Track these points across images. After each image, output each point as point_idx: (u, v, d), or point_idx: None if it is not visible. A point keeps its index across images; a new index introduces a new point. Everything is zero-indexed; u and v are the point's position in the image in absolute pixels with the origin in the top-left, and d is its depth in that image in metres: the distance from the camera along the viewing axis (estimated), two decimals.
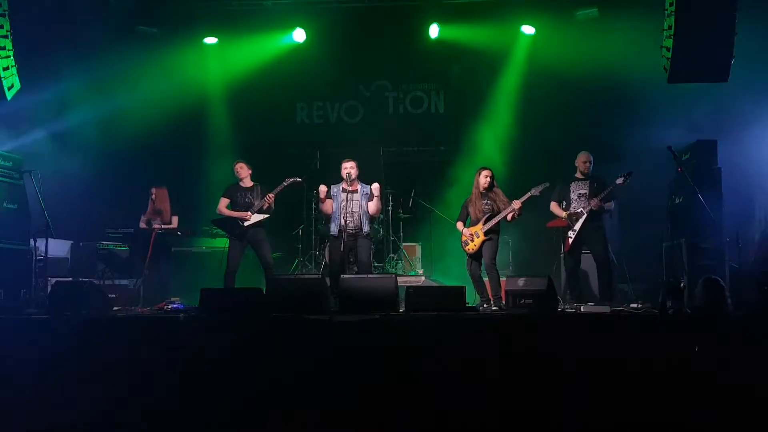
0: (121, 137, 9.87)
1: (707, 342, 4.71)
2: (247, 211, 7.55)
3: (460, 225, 7.44)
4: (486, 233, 7.15)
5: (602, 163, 7.61)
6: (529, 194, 7.08)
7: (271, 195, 7.48)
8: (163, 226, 7.85)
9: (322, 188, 7.33)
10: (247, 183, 7.76)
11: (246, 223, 7.52)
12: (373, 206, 7.33)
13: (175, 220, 8.01)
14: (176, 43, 9.98)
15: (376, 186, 7.38)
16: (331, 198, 7.36)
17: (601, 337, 5.33)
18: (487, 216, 7.17)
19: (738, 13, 7.11)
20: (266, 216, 7.58)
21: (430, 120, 10.79)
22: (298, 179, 7.63)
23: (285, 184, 7.52)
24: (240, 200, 7.66)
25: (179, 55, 10.08)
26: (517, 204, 7.03)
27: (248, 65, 10.44)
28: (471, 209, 7.31)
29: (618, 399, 4.89)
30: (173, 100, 10.09)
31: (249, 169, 7.77)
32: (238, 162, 7.79)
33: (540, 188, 7.11)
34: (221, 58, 10.40)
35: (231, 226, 7.60)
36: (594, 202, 7.03)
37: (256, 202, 7.57)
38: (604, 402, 4.89)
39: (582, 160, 7.33)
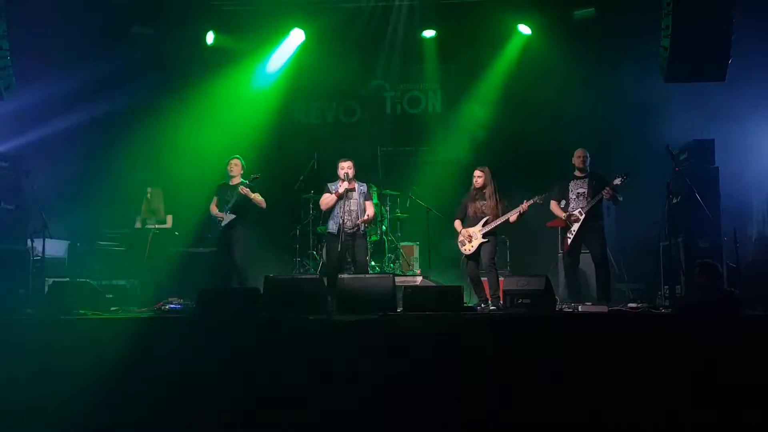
0: (118, 137, 9.86)
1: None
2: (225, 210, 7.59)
3: (458, 224, 7.44)
4: (484, 236, 7.16)
5: (600, 163, 7.61)
6: (531, 201, 7.08)
7: (242, 187, 7.50)
8: (158, 226, 7.83)
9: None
10: (235, 181, 7.76)
11: (222, 223, 7.55)
12: (369, 211, 7.36)
13: (169, 219, 8.01)
14: (172, 43, 9.96)
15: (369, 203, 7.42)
16: (330, 192, 7.35)
17: (599, 336, 5.33)
18: (486, 219, 7.17)
19: (735, 13, 7.12)
20: (233, 217, 7.55)
21: (428, 120, 10.78)
22: (257, 176, 7.62)
23: (248, 182, 7.58)
24: (223, 199, 7.69)
25: (175, 56, 10.06)
26: (524, 206, 7.04)
27: (245, 66, 10.44)
28: (470, 208, 7.32)
29: (615, 398, 4.90)
30: (170, 100, 10.07)
31: (242, 167, 7.75)
32: (233, 158, 7.77)
33: (542, 197, 7.12)
34: (217, 59, 10.38)
35: (212, 228, 7.64)
36: (606, 190, 7.00)
37: (230, 201, 7.59)
38: (602, 401, 4.89)
39: (577, 156, 7.35)
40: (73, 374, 5.29)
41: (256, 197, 7.60)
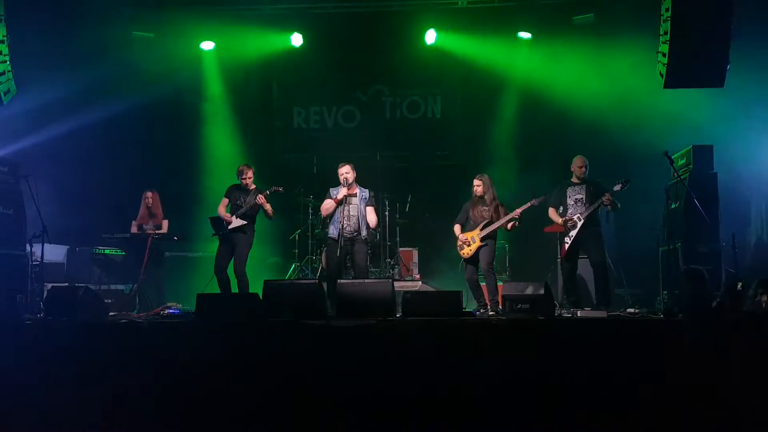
0: (118, 142, 9.88)
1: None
2: (235, 213, 7.55)
3: (457, 228, 7.44)
4: (482, 239, 7.17)
5: (599, 168, 7.61)
6: (528, 204, 7.11)
7: (261, 195, 7.44)
8: (156, 231, 7.83)
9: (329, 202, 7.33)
10: (248, 186, 7.69)
11: (229, 227, 7.50)
12: (371, 218, 7.35)
13: (165, 224, 8.01)
14: (173, 48, 9.99)
15: (371, 208, 7.37)
16: (331, 198, 7.34)
17: (598, 342, 5.33)
18: (485, 222, 7.18)
19: (733, 19, 7.15)
20: (244, 223, 7.50)
21: (427, 125, 10.80)
22: (279, 188, 7.59)
23: (268, 192, 7.51)
24: (233, 202, 7.63)
25: (176, 61, 10.08)
26: (517, 213, 7.06)
27: (245, 70, 10.47)
28: (471, 213, 7.33)
29: (614, 404, 4.89)
30: (170, 105, 10.09)
31: (252, 174, 7.73)
32: (247, 166, 7.72)
33: (540, 199, 7.15)
34: (218, 64, 10.41)
35: (218, 226, 7.59)
36: (607, 196, 6.99)
37: (243, 207, 7.53)
38: (601, 407, 4.89)
39: (577, 165, 7.32)
40: (72, 379, 5.28)
41: (269, 208, 7.58)
